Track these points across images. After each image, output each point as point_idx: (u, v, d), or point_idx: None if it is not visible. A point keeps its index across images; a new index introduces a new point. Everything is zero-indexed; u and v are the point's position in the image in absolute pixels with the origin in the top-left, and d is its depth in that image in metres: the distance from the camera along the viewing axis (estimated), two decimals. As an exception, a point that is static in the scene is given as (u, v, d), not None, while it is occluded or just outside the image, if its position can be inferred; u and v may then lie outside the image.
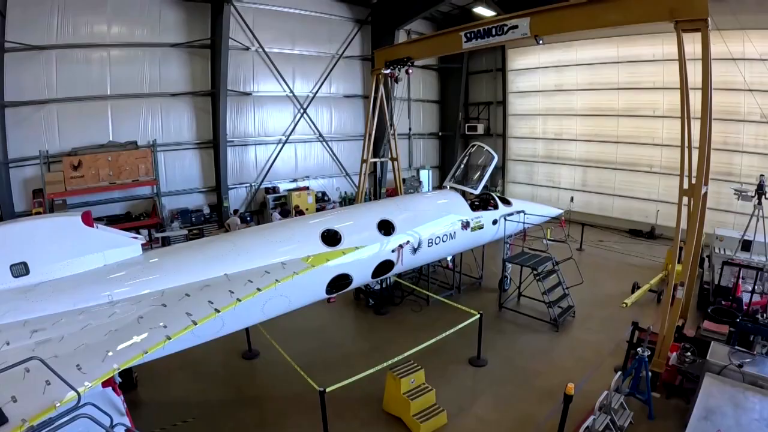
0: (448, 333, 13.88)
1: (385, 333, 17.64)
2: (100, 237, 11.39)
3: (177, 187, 29.37)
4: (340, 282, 13.88)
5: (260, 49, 30.95)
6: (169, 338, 8.92)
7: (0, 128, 24.84)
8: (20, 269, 10.39)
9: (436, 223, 16.57)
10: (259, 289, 10.92)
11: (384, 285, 19.41)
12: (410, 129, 33.65)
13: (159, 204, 27.55)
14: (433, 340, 13.54)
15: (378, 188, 36.43)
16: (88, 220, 11.09)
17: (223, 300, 10.26)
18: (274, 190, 32.43)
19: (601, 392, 11.39)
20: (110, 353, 8.28)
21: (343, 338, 17.77)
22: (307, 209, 30.28)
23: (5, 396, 6.89)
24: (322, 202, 33.51)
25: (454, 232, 17.02)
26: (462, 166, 19.29)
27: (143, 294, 10.59)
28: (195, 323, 9.43)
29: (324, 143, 34.97)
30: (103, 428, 6.97)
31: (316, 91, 33.66)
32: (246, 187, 32.21)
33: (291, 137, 33.30)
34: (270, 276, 11.54)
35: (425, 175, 40.55)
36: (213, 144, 29.92)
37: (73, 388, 7.01)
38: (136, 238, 11.96)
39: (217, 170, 30.01)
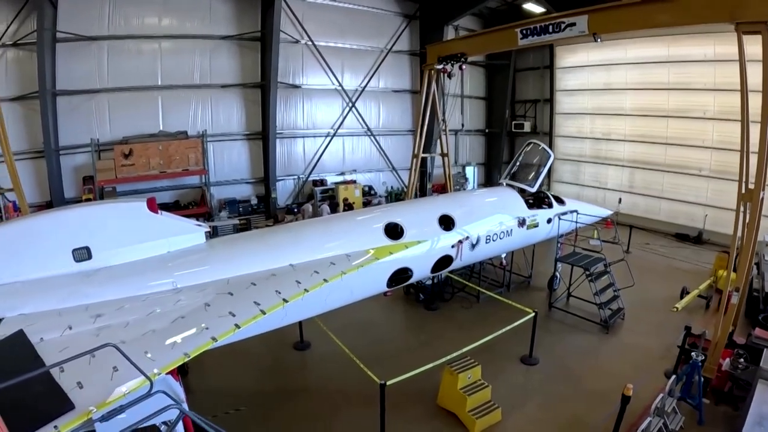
0: (504, 330, 13.80)
1: (435, 329, 17.60)
2: (165, 224, 11.48)
3: (225, 177, 29.70)
4: (400, 275, 13.90)
5: (309, 42, 31.06)
6: (238, 326, 8.89)
7: (52, 116, 25.33)
8: (82, 254, 10.50)
9: (493, 220, 16.46)
10: (325, 280, 10.91)
11: (435, 281, 19.35)
12: (463, 125, 33.77)
13: (208, 193, 27.82)
14: (490, 337, 13.47)
15: (424, 184, 36.26)
16: (153, 206, 11.17)
17: (291, 290, 10.23)
18: (322, 182, 32.54)
19: (649, 396, 11.33)
20: (179, 340, 8.28)
21: (394, 333, 17.82)
22: (353, 202, 30.29)
23: (71, 382, 6.92)
24: (368, 195, 33.61)
25: (511, 230, 16.91)
26: (518, 163, 19.16)
27: (208, 282, 10.61)
28: (263, 312, 9.41)
29: (372, 137, 35.00)
30: (179, 411, 7.07)
31: (365, 85, 33.65)
32: (294, 179, 32.41)
33: (339, 131, 33.43)
34: (335, 267, 11.54)
35: (471, 172, 40.26)
36: (262, 135, 30.18)
37: (146, 376, 6.98)
38: (200, 225, 12.05)
39: (266, 162, 30.23)
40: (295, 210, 30.61)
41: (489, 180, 41.19)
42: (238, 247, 12.15)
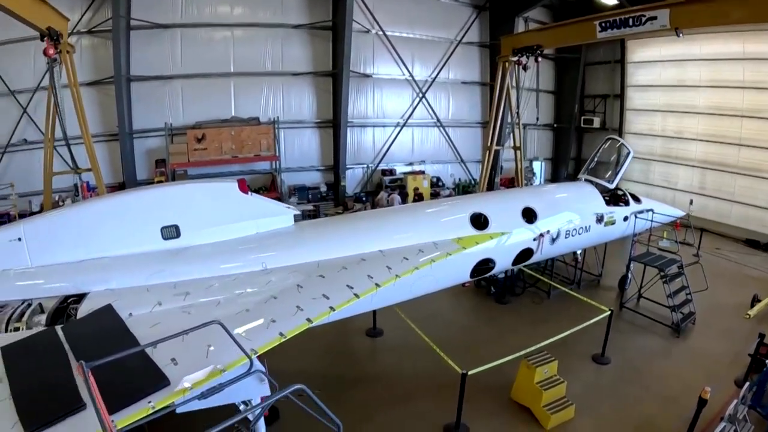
0: (581, 327, 13.77)
1: (507, 322, 17.60)
2: (255, 205, 11.75)
3: (295, 164, 30.14)
4: (482, 266, 13.88)
5: (380, 32, 31.16)
6: (333, 309, 9.00)
7: (126, 101, 26.22)
8: (171, 232, 10.83)
9: (573, 215, 16.32)
10: (416, 267, 11.01)
11: (508, 274, 19.30)
12: (538, 119, 33.48)
13: (279, 179, 28.17)
14: (567, 333, 13.44)
15: (492, 177, 35.67)
16: (244, 187, 11.38)
17: (382, 275, 10.33)
18: (391, 172, 32.68)
19: (718, 402, 11.26)
20: (274, 320, 8.42)
21: (465, 325, 17.73)
22: (422, 193, 30.36)
23: (165, 358, 7.09)
24: (436, 187, 33.52)
25: (589, 226, 16.73)
26: (597, 159, 18.95)
27: (299, 264, 10.75)
28: (357, 296, 9.51)
29: (441, 128, 34.82)
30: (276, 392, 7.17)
31: (435, 76, 33.50)
32: (363, 167, 32.62)
33: (409, 121, 33.43)
34: (424, 255, 11.61)
35: (538, 167, 39.66)
36: (333, 124, 30.47)
37: (247, 355, 7.17)
38: (290, 208, 12.24)
39: (336, 150, 30.52)
40: (364, 198, 30.79)
41: (555, 176, 40.60)
42: (326, 231, 12.42)
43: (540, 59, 23.20)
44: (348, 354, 15.67)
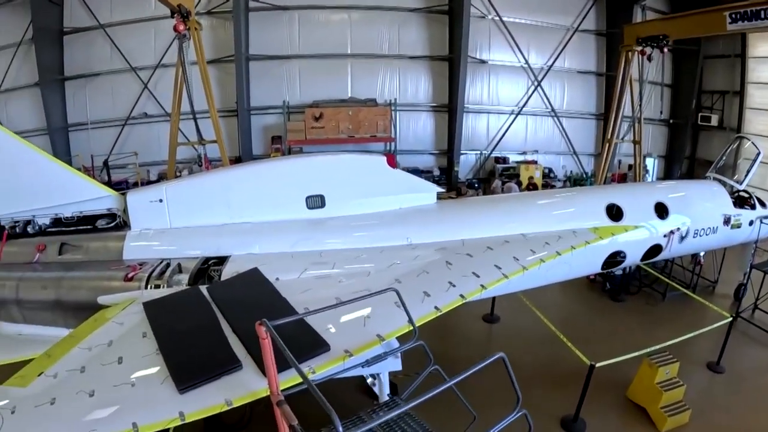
0: (699, 332, 13.29)
1: (622, 320, 17.23)
2: (401, 180, 11.88)
3: (409, 147, 30.47)
4: (612, 259, 13.60)
5: (497, 17, 30.81)
6: (484, 287, 8.94)
7: (245, 79, 27.20)
8: (316, 201, 11.07)
9: (703, 214, 15.65)
10: (558, 253, 10.82)
11: (626, 271, 18.91)
12: (661, 113, 32.64)
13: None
14: (687, 336, 13.03)
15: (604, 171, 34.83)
16: (392, 162, 11.50)
17: (527, 258, 10.23)
18: (504, 160, 32.35)
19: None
20: (429, 295, 8.42)
21: (579, 318, 17.41)
22: (535, 183, 30.01)
23: (323, 325, 7.19)
24: (547, 178, 32.76)
25: (717, 227, 16.11)
26: (725, 158, 18.34)
27: (444, 241, 10.78)
28: (506, 276, 9.42)
29: (555, 119, 34.05)
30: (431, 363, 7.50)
31: (552, 64, 32.83)
32: (476, 154, 32.48)
33: (523, 109, 33.00)
34: (563, 241, 11.41)
35: (651, 164, 37.43)
36: (448, 108, 30.45)
37: (412, 324, 7.36)
38: (433, 185, 12.30)
39: (451, 135, 30.52)
40: (476, 185, 30.70)
41: (669, 174, 38.74)
42: (469, 210, 12.34)
43: (666, 50, 22.53)
44: (465, 338, 15.65)
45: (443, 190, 12.65)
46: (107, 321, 8.45)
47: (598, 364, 10.99)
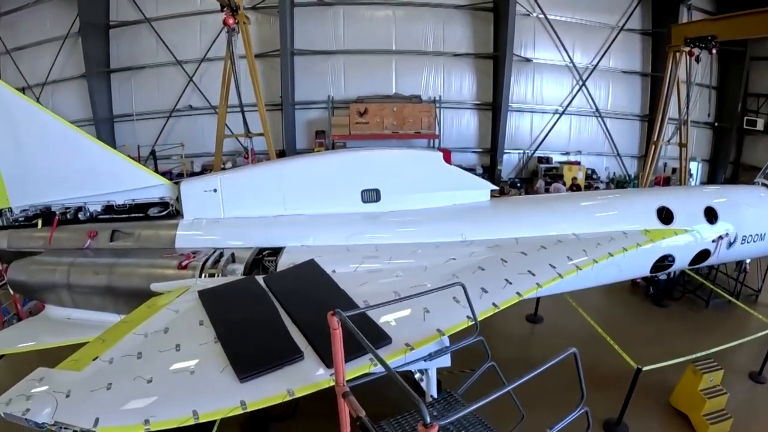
0: (744, 340, 13.08)
1: (665, 326, 16.95)
2: (457, 176, 11.85)
3: (452, 144, 30.18)
4: (661, 263, 13.35)
5: (541, 15, 30.55)
6: (540, 286, 8.93)
7: (290, 73, 27.47)
8: (371, 195, 11.09)
9: (752, 221, 15.24)
10: (610, 254, 10.69)
11: (671, 276, 18.55)
12: (709, 115, 32.25)
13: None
14: (731, 344, 12.77)
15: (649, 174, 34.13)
16: (448, 158, 11.48)
17: (580, 258, 10.14)
18: (547, 160, 31.97)
19: None
20: (486, 291, 8.42)
21: (622, 322, 17.05)
22: (579, 184, 29.45)
23: (384, 317, 7.23)
24: (590, 179, 32.21)
25: (765, 234, 15.99)
26: (774, 163, 18.02)
27: (498, 239, 10.73)
28: (561, 276, 9.38)
29: (599, 119, 33.41)
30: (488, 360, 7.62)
31: (596, 64, 32.35)
32: (519, 153, 32.24)
33: (567, 109, 32.60)
34: (615, 243, 11.27)
35: (695, 168, 36.00)
36: (492, 106, 30.27)
37: (474, 320, 7.41)
38: (487, 183, 12.24)
39: (495, 133, 30.31)
40: (519, 185, 30.51)
41: (713, 179, 37.60)
42: (521, 209, 12.34)
43: (714, 51, 22.22)
44: (507, 338, 15.50)
45: (497, 188, 12.55)
46: (162, 308, 8.53)
47: (644, 368, 10.93)
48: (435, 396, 8.54)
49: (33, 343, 11.31)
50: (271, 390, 6.35)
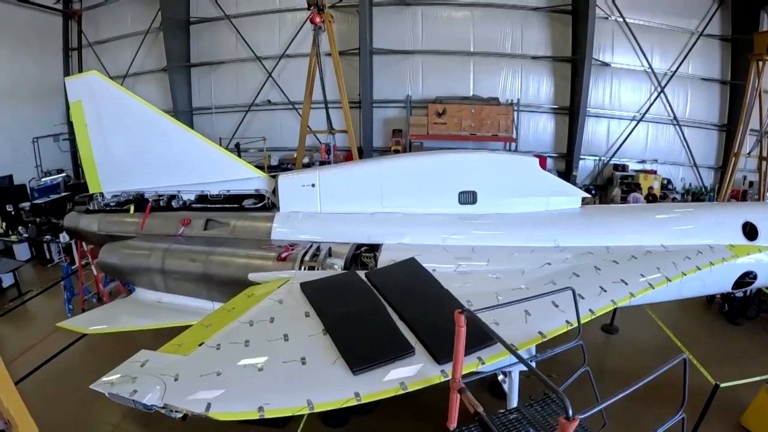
0: None
1: (738, 344, 16.68)
2: (551, 182, 12.07)
3: (529, 148, 30.00)
4: (742, 279, 13.05)
5: (620, 19, 30.12)
6: (633, 295, 9.04)
7: (369, 72, 28.16)
8: (468, 197, 11.40)
9: None
10: (698, 268, 10.66)
11: (747, 293, 18.06)
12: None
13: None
14: None
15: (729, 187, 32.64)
16: (543, 163, 11.64)
17: (670, 270, 10.12)
18: (623, 168, 31.18)
19: None
20: (583, 297, 8.48)
21: (694, 338, 16.64)
22: (656, 194, 28.85)
23: (487, 318, 7.03)
24: (665, 189, 31.17)
25: None
26: None
27: (590, 246, 10.81)
28: (652, 287, 9.44)
29: (677, 127, 32.28)
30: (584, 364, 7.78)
31: (675, 70, 31.51)
32: (594, 159, 31.75)
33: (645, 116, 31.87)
34: (702, 257, 11.20)
35: None
36: (570, 111, 30.03)
37: (579, 324, 7.68)
38: (579, 190, 12.38)
39: (571, 138, 30.02)
40: (593, 192, 29.68)
41: None
42: (612, 217, 12.30)
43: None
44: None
45: (589, 196, 12.60)
46: (263, 298, 8.84)
47: (722, 385, 10.90)
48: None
49: (122, 324, 11.99)
50: (383, 383, 6.65)
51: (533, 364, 7.18)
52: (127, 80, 34.07)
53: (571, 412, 4.65)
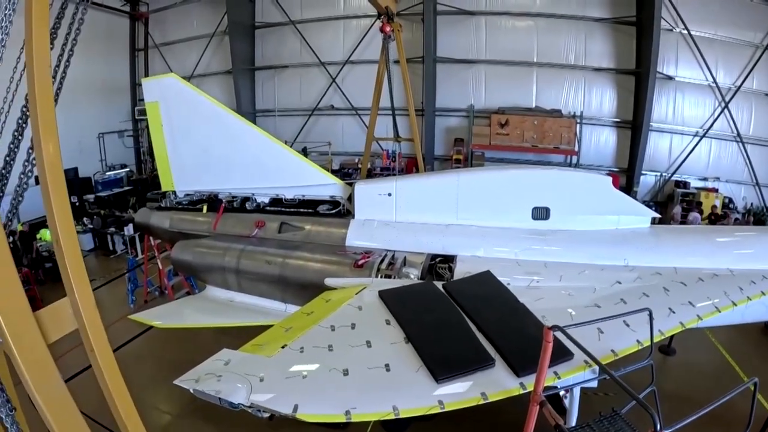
0: None
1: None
2: (622, 201, 12.14)
3: (590, 161, 29.92)
4: None
5: (684, 31, 29.58)
6: (700, 318, 9.09)
7: (432, 80, 28.85)
8: (541, 213, 11.57)
9: None
10: (763, 293, 10.46)
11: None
12: None
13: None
14: None
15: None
16: (616, 182, 11.74)
17: (735, 295, 10.04)
18: (685, 185, 30.43)
19: None
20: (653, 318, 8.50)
21: (752, 364, 16.21)
22: (718, 213, 28.21)
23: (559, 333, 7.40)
24: (726, 209, 30.02)
25: None
26: None
27: (658, 267, 10.85)
28: (718, 310, 9.45)
29: (740, 144, 31.13)
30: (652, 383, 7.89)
31: (740, 85, 30.53)
32: (656, 175, 31.18)
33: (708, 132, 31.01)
34: (766, 282, 10.98)
35: None
36: (632, 125, 29.68)
37: (651, 342, 7.87)
38: (649, 210, 12.50)
39: (633, 153, 29.66)
40: (654, 208, 28.70)
41: None
42: (680, 238, 12.29)
43: None
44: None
45: (659, 216, 12.69)
46: (342, 304, 9.13)
47: None
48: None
49: (193, 320, 12.66)
50: (465, 393, 6.89)
51: (599, 381, 7.51)
52: (191, 81, 34.41)
53: (659, 426, 5.00)
